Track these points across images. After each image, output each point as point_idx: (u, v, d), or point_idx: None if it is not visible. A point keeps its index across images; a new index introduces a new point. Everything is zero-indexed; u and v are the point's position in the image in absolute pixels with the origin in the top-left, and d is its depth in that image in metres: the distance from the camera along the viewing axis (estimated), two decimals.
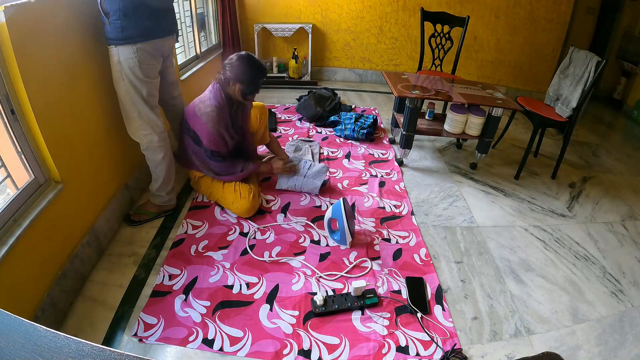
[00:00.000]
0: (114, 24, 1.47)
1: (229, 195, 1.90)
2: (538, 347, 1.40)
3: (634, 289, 1.70)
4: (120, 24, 1.46)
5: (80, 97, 1.53)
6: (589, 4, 3.84)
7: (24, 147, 1.28)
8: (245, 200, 1.87)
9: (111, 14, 1.45)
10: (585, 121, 3.63)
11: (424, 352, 1.34)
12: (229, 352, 1.30)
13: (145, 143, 1.73)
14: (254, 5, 3.92)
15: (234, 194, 1.89)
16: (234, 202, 1.89)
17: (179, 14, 2.75)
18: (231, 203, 1.90)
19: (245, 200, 1.87)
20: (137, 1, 1.47)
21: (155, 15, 1.57)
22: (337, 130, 2.87)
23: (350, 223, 1.75)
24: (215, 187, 1.95)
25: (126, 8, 1.45)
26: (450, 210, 2.14)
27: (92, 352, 0.47)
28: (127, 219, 1.86)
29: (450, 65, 3.19)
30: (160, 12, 1.60)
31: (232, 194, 1.90)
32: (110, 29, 1.48)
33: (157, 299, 1.46)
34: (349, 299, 1.49)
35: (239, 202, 1.88)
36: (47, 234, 1.34)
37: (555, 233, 2.02)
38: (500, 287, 1.65)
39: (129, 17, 1.47)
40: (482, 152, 2.48)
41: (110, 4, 1.44)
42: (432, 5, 3.76)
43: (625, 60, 3.85)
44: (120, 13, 1.45)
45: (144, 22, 1.52)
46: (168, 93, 1.94)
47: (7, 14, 1.11)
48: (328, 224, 1.81)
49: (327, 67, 4.26)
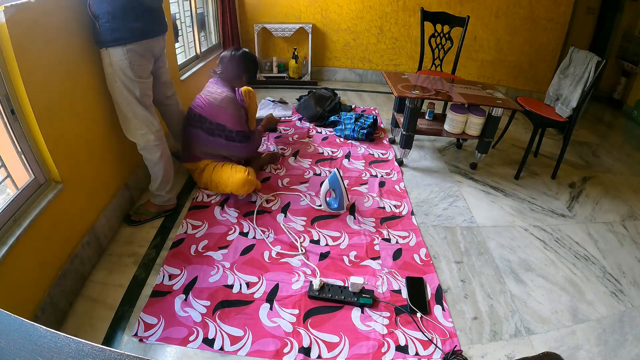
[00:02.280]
0: (103, 27, 1.47)
1: (225, 173, 1.99)
2: (538, 347, 1.40)
3: (634, 289, 1.70)
4: (109, 26, 1.47)
5: (80, 97, 1.53)
6: (589, 4, 3.83)
7: (24, 147, 1.28)
8: (240, 173, 1.96)
9: (100, 16, 1.46)
10: (585, 121, 3.63)
11: (424, 352, 1.34)
12: (229, 351, 1.30)
13: (142, 143, 1.73)
14: (254, 5, 3.93)
15: (230, 171, 1.99)
16: (230, 177, 1.96)
17: (178, 14, 2.75)
18: (227, 179, 1.97)
19: (240, 173, 1.96)
20: (125, 3, 1.48)
21: (144, 16, 1.58)
22: (337, 130, 2.87)
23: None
24: (217, 172, 2.02)
25: (114, 10, 1.46)
26: (450, 210, 2.14)
27: (92, 352, 0.47)
28: (127, 219, 1.86)
29: (450, 65, 3.19)
30: (149, 13, 1.61)
31: (229, 171, 1.99)
32: (100, 31, 1.49)
33: (157, 299, 1.46)
34: (345, 293, 1.50)
35: (235, 176, 1.95)
36: (47, 234, 1.34)
37: (555, 233, 2.02)
38: (500, 287, 1.65)
39: (117, 19, 1.47)
40: (482, 152, 2.48)
41: (99, 7, 1.45)
42: (432, 5, 3.76)
43: (625, 60, 3.85)
44: (109, 15, 1.46)
45: (133, 24, 1.53)
46: (162, 93, 1.95)
47: (7, 14, 1.11)
48: (324, 196, 1.93)
49: (327, 67, 4.26)
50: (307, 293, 1.51)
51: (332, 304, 1.48)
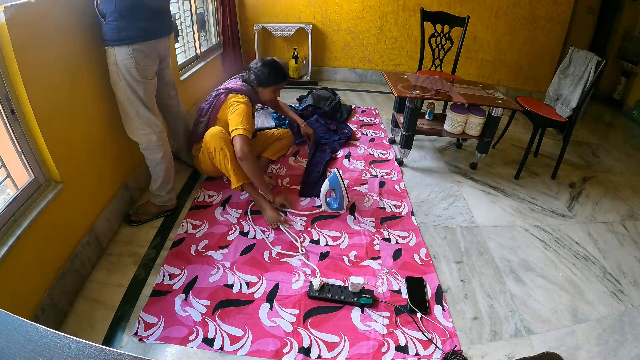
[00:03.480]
0: (110, 25, 1.47)
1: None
2: (538, 347, 1.40)
3: (634, 289, 1.70)
4: (116, 25, 1.46)
5: (80, 97, 1.53)
6: (589, 4, 3.83)
7: (24, 147, 1.28)
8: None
9: (107, 15, 1.45)
10: (585, 121, 3.62)
11: (423, 352, 1.34)
12: (229, 351, 1.30)
13: (144, 143, 1.73)
14: (254, 5, 3.92)
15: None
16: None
17: (178, 14, 2.75)
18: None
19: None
20: (133, 2, 1.47)
21: (152, 16, 1.57)
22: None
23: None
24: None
25: (122, 9, 1.45)
26: (450, 210, 2.14)
27: (92, 352, 0.47)
28: (127, 219, 1.86)
29: (450, 65, 3.19)
30: (156, 13, 1.60)
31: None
32: (106, 30, 1.48)
33: (158, 299, 1.47)
34: (345, 293, 1.50)
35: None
36: (47, 234, 1.34)
37: (555, 233, 2.02)
38: (500, 287, 1.65)
39: (125, 18, 1.47)
40: (482, 152, 2.48)
41: (107, 5, 1.44)
42: (432, 5, 3.76)
43: (625, 60, 3.85)
44: (116, 14, 1.45)
45: (141, 23, 1.52)
46: (165, 93, 1.95)
47: (7, 14, 1.11)
48: (324, 196, 1.93)
49: (327, 67, 4.26)
50: (307, 293, 1.51)
51: (332, 304, 1.48)
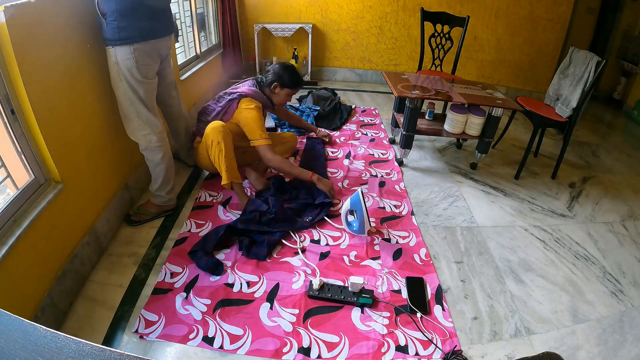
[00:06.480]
0: (111, 25, 1.47)
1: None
2: (538, 347, 1.40)
3: (634, 289, 1.70)
4: (117, 24, 1.46)
5: (80, 97, 1.53)
6: (589, 4, 3.83)
7: (24, 147, 1.28)
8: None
9: (108, 14, 1.45)
10: (585, 121, 3.62)
11: (423, 352, 1.34)
12: (229, 350, 1.30)
13: (144, 143, 1.73)
14: (254, 5, 3.92)
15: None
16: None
17: (178, 14, 2.75)
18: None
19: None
20: (134, 2, 1.47)
21: (153, 16, 1.57)
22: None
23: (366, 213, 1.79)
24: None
25: (123, 9, 1.45)
26: (450, 210, 2.14)
27: (92, 352, 0.47)
28: (127, 219, 1.86)
29: (450, 65, 3.19)
30: (157, 13, 1.60)
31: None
32: (107, 29, 1.48)
33: (158, 297, 1.47)
34: (345, 293, 1.50)
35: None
36: (47, 234, 1.34)
37: (555, 233, 2.02)
38: (500, 287, 1.65)
39: (126, 18, 1.47)
40: (482, 152, 2.48)
41: (108, 5, 1.44)
42: (432, 5, 3.76)
43: (625, 60, 3.85)
44: (117, 14, 1.45)
45: (142, 23, 1.52)
46: (166, 93, 1.94)
47: (7, 14, 1.11)
48: (345, 215, 1.82)
49: (327, 67, 4.26)
50: (307, 293, 1.51)
51: (332, 303, 1.48)
